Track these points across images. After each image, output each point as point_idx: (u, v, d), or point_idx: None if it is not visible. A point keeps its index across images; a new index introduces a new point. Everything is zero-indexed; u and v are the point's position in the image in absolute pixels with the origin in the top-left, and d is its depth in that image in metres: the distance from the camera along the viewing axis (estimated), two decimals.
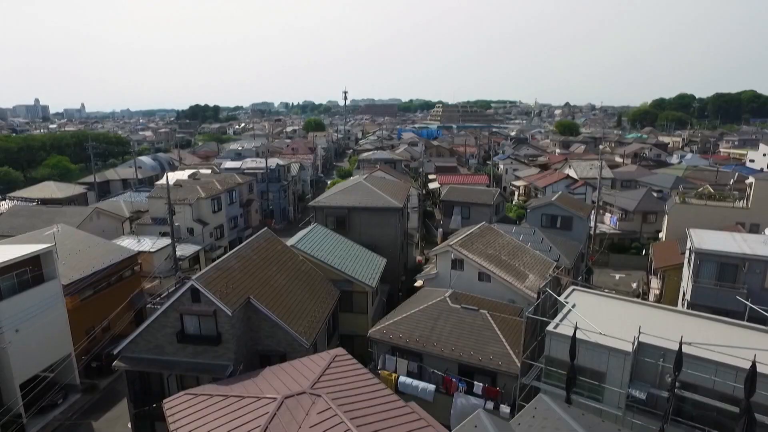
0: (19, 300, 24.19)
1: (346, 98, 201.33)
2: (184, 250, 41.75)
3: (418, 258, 47.29)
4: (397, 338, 22.53)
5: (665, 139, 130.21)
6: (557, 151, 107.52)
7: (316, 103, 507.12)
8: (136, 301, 33.51)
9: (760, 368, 13.19)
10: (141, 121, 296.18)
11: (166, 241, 39.41)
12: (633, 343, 15.39)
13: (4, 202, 53.96)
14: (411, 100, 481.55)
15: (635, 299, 21.32)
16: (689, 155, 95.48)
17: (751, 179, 38.29)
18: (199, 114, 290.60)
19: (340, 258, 29.32)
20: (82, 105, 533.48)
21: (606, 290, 31.23)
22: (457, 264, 28.55)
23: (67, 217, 40.79)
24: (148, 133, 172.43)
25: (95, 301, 30.63)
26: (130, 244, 38.64)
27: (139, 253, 36.24)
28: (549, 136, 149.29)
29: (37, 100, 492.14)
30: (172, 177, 65.55)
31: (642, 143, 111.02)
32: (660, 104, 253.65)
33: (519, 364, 18.34)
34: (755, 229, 34.57)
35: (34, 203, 52.38)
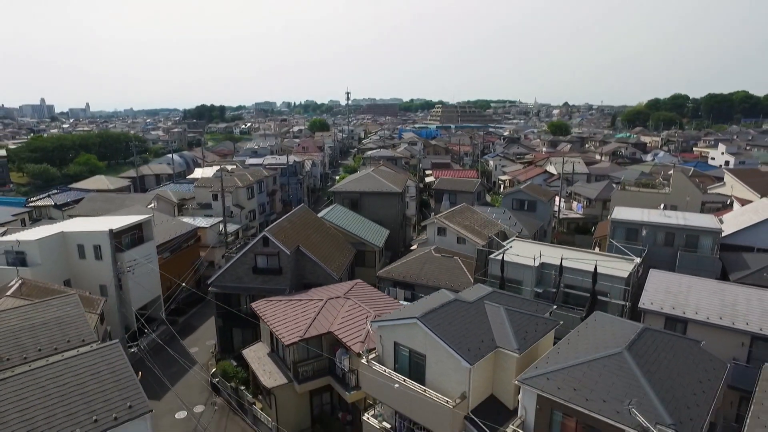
0: (132, 252, 34.58)
1: (348, 98, 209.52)
2: (228, 228, 52.04)
3: (415, 238, 57.63)
4: (397, 275, 33.00)
5: (646, 138, 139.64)
6: (544, 149, 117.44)
7: (318, 102, 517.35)
8: (198, 266, 44.02)
9: (599, 269, 23.61)
10: (147, 120, 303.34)
11: (215, 219, 49.87)
12: (535, 262, 25.79)
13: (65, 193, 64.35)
14: (412, 100, 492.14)
15: (550, 243, 31.64)
16: (661, 153, 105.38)
17: (671, 171, 48.51)
18: (206, 114, 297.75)
19: (355, 227, 39.81)
20: (87, 105, 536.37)
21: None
22: (442, 231, 38.95)
23: (135, 202, 51.20)
24: (160, 133, 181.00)
25: (172, 261, 41.06)
26: (187, 221, 48.98)
27: (198, 228, 46.65)
28: (541, 136, 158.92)
29: (42, 100, 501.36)
30: (202, 172, 76.40)
31: (622, 142, 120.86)
32: (655, 104, 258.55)
33: (473, 281, 28.74)
34: (674, 209, 44.72)
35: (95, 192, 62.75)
